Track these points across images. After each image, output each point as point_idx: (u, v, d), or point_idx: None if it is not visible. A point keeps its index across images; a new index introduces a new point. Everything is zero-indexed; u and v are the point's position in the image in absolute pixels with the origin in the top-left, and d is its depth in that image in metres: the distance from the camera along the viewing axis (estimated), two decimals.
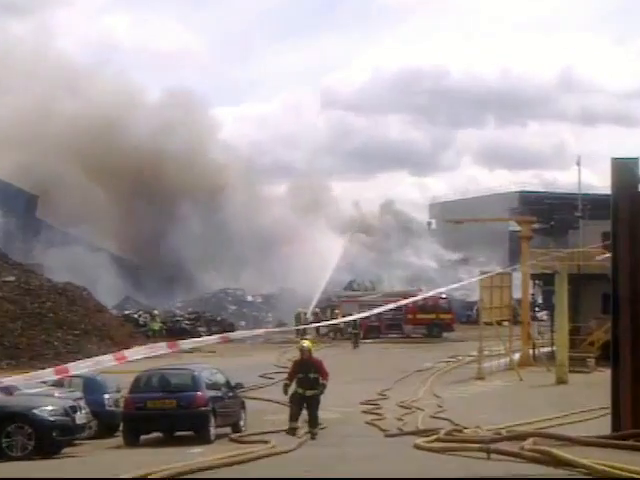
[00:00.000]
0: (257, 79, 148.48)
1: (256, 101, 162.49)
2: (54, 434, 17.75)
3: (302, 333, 55.98)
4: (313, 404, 19.77)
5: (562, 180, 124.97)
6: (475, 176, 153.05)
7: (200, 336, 58.09)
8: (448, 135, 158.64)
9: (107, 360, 13.52)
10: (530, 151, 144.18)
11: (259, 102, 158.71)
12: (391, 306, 28.19)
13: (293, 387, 20.05)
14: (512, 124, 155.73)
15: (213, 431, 20.31)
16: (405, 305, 56.01)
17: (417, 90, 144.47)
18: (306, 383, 19.74)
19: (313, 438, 19.29)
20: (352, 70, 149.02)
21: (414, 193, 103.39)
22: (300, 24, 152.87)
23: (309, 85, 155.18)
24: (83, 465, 15.13)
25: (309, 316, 58.55)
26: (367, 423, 22.03)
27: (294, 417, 19.87)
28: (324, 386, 19.96)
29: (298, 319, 57.58)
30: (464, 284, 39.74)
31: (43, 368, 36.39)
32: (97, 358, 14.31)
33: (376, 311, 23.44)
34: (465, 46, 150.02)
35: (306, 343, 20.94)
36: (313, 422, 19.86)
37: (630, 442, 12.28)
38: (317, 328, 56.45)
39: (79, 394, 20.40)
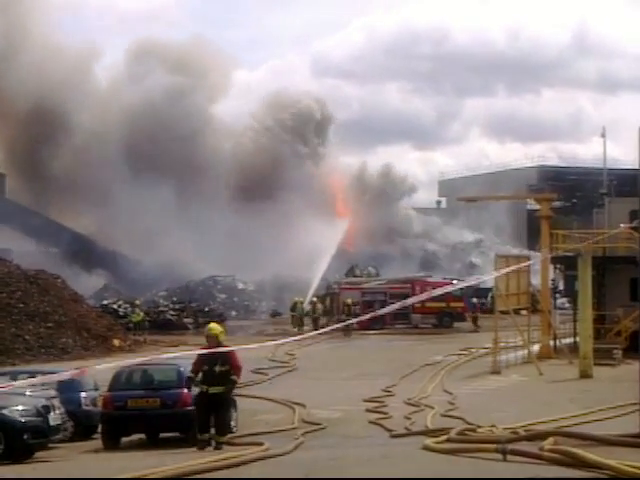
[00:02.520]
0: (242, 45, 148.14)
1: (241, 68, 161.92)
2: (25, 437, 17.75)
3: (299, 324, 56.16)
4: (219, 405, 17.68)
5: (581, 153, 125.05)
6: (485, 149, 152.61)
7: (187, 328, 58.61)
8: (454, 104, 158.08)
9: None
10: (545, 122, 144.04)
11: (244, 69, 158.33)
12: (412, 300, 27.75)
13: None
14: (524, 92, 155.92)
15: None
16: (412, 292, 56.13)
17: (417, 55, 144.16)
18: (211, 378, 17.61)
19: (218, 448, 17.20)
20: (345, 34, 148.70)
21: (419, 168, 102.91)
22: None
23: (299, 51, 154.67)
24: (57, 471, 15.15)
25: (306, 305, 58.60)
26: (371, 422, 22.05)
27: (203, 425, 17.62)
28: (234, 382, 18.03)
29: (294, 308, 57.65)
30: (481, 280, 39.75)
31: (13, 364, 36.67)
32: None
33: (391, 308, 22.09)
34: (469, 6, 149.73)
35: (212, 326, 18.42)
36: (220, 428, 17.67)
37: None
38: (315, 320, 56.52)
39: (53, 392, 20.26)
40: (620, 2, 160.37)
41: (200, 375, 17.70)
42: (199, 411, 17.83)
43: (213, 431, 17.63)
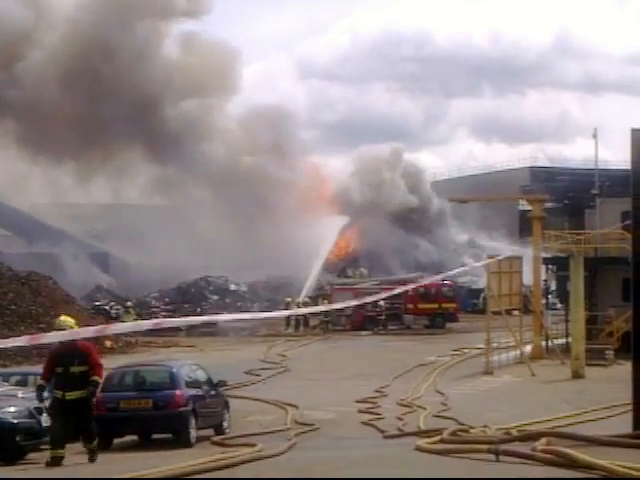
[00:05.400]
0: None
1: None
2: (18, 438, 17.70)
3: (294, 325, 56.17)
4: (80, 413, 15.45)
5: (568, 154, 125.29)
6: (472, 150, 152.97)
7: (179, 329, 58.54)
8: (440, 105, 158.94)
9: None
10: (530, 122, 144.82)
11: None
12: (384, 295, 28.04)
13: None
14: (509, 93, 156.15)
15: (193, 433, 20.28)
16: (405, 293, 56.12)
17: (402, 57, 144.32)
18: (67, 381, 15.43)
19: (92, 460, 15.62)
20: (330, 36, 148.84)
21: None
22: None
23: (284, 53, 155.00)
24: (49, 472, 15.10)
25: (300, 300, 58.68)
26: (364, 423, 22.05)
27: (57, 439, 15.40)
28: (96, 384, 15.69)
29: (287, 309, 57.61)
30: (465, 270, 39.77)
31: (5, 365, 36.56)
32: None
33: (369, 300, 22.14)
34: (450, 9, 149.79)
35: (64, 318, 16.13)
36: (87, 436, 15.64)
37: None
38: (306, 320, 56.53)
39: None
40: (601, 4, 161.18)
41: (53, 379, 15.58)
42: (54, 421, 15.61)
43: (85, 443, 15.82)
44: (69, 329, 15.16)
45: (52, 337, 13.76)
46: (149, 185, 75.52)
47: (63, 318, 16.06)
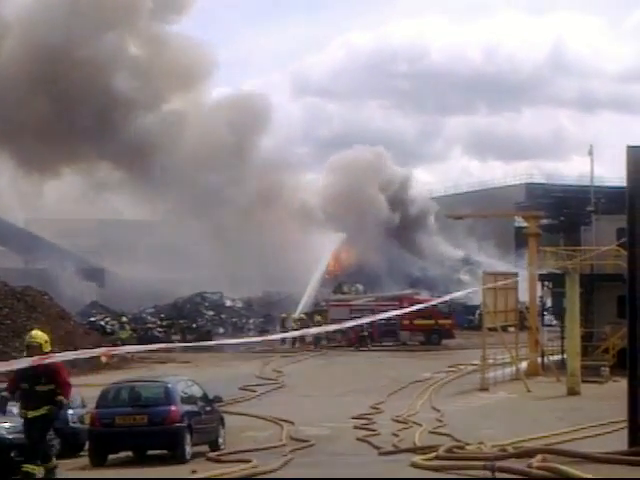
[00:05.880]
0: (222, 63, 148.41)
1: (222, 86, 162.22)
2: (12, 454, 17.66)
3: (290, 341, 56.11)
4: (39, 430, 14.74)
5: (564, 171, 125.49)
6: (468, 167, 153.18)
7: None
8: (435, 123, 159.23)
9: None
10: (526, 140, 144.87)
11: (226, 87, 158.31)
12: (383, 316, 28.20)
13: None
14: (505, 110, 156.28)
15: (189, 450, 20.23)
16: (400, 308, 56.08)
17: (396, 73, 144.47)
18: (31, 400, 14.75)
19: (49, 478, 14.76)
20: (325, 53, 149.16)
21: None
22: (268, 5, 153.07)
23: (279, 70, 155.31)
24: None
25: (293, 324, 58.59)
26: (359, 440, 22.01)
27: (28, 456, 14.93)
28: (61, 404, 14.96)
29: (283, 325, 57.66)
30: (468, 292, 39.84)
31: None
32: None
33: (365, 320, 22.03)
34: (444, 25, 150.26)
35: (34, 333, 15.32)
36: (42, 456, 14.75)
37: None
38: (302, 337, 56.53)
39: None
40: (595, 21, 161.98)
41: (18, 395, 14.94)
42: (25, 439, 15.14)
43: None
44: (38, 344, 14.66)
45: (60, 357, 12.87)
46: (131, 200, 75.33)
47: (34, 333, 15.36)
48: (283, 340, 56.74)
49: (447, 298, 45.07)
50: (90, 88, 69.60)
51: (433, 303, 44.01)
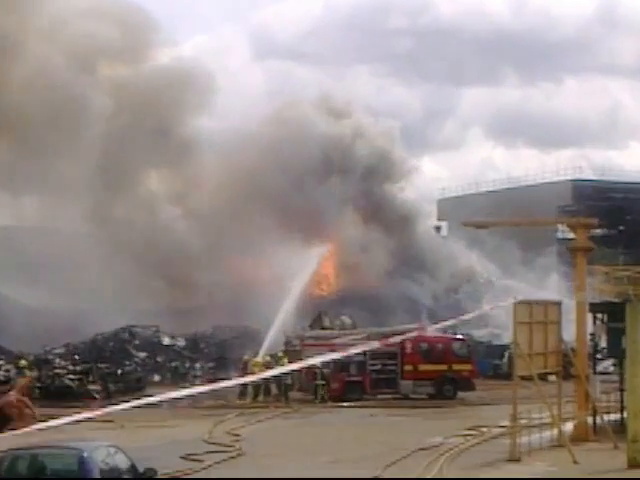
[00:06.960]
0: (165, 16, 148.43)
1: (165, 46, 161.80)
2: None
3: (252, 393, 56.01)
4: None
5: (621, 163, 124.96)
6: (491, 157, 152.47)
7: (93, 398, 58.24)
8: (446, 95, 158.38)
9: None
10: (569, 120, 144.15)
11: (169, 47, 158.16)
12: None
13: None
14: (540, 80, 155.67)
15: None
16: (402, 351, 56.13)
17: (394, 30, 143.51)
18: None
19: None
20: (296, 4, 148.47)
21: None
22: None
23: (237, 25, 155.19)
24: None
25: (255, 368, 58.49)
26: None
27: None
28: None
29: (244, 370, 57.53)
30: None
31: None
32: None
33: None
34: None
35: None
36: None
37: None
38: (267, 388, 56.41)
39: None
40: None
41: None
42: None
43: None
44: None
45: None
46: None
47: None
48: (242, 393, 56.63)
49: (440, 326, 44.32)
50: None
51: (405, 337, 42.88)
